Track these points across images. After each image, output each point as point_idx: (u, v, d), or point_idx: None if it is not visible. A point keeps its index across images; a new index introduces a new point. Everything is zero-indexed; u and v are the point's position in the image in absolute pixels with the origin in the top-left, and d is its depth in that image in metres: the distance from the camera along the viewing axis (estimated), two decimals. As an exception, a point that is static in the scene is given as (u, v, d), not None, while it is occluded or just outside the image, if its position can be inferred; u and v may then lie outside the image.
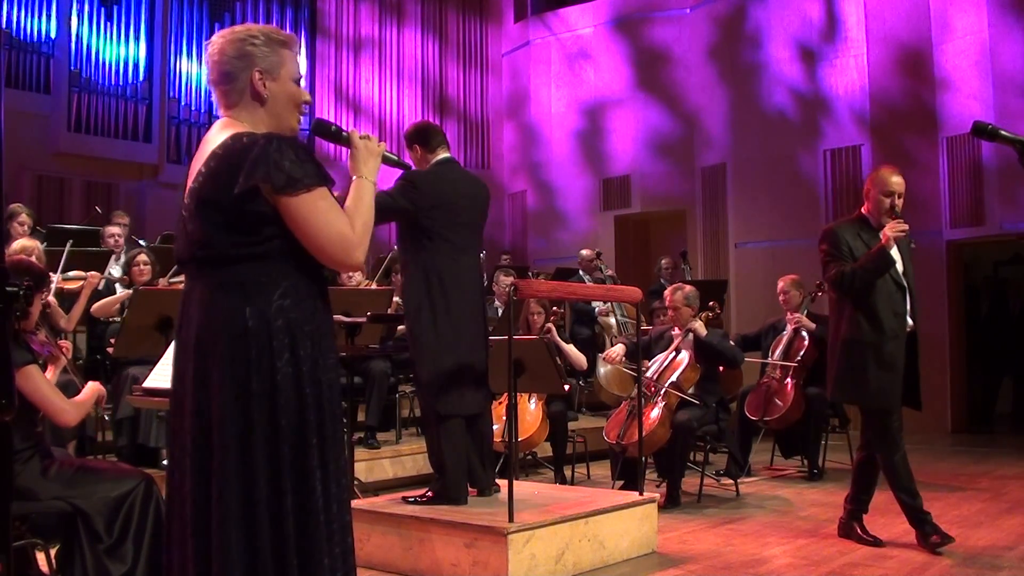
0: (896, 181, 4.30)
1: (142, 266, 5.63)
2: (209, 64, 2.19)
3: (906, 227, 4.20)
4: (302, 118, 2.29)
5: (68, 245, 5.76)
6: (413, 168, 4.08)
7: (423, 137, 4.17)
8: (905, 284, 4.29)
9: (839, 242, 4.31)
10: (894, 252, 4.22)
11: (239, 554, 2.00)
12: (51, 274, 5.01)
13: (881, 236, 4.21)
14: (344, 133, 2.31)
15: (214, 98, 2.25)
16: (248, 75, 2.15)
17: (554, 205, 12.35)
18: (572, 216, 12.13)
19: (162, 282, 5.54)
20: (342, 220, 2.09)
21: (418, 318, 4.01)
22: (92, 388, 3.37)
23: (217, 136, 2.15)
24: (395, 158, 2.48)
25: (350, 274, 6.05)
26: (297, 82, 2.23)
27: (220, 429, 2.03)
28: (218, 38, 2.20)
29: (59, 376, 3.37)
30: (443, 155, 4.16)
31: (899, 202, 4.28)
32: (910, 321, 4.31)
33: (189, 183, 2.15)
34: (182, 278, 5.55)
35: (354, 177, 2.24)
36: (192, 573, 2.06)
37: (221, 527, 2.01)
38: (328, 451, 2.11)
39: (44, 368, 3.24)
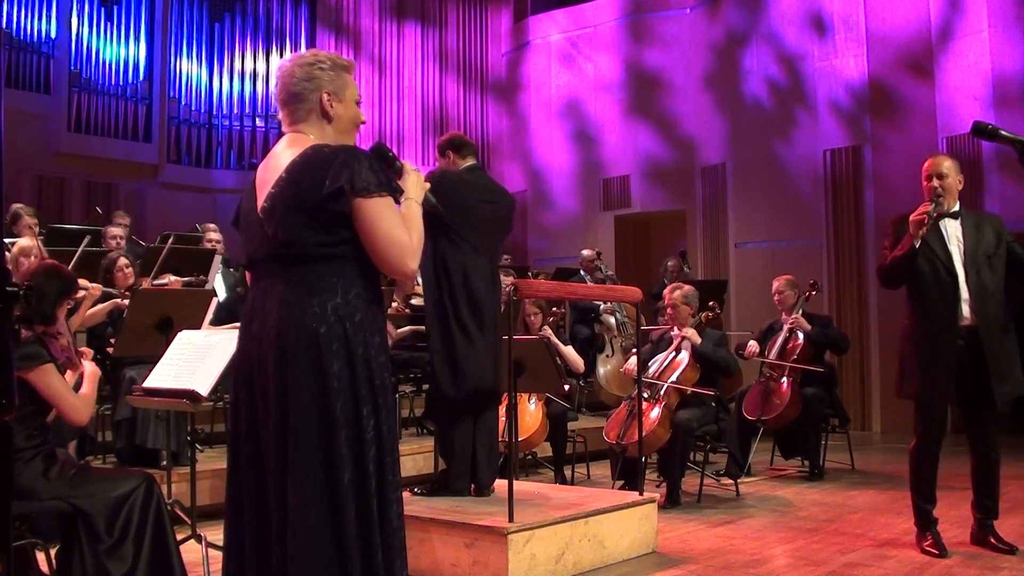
0: (926, 164, 4.16)
1: (125, 270, 5.50)
2: (279, 85, 2.40)
3: (927, 209, 4.00)
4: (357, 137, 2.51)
5: (83, 244, 5.77)
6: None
7: (455, 145, 4.52)
8: (959, 274, 4.05)
9: (893, 233, 4.17)
10: (952, 245, 4.07)
11: (325, 537, 2.13)
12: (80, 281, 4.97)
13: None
14: (398, 162, 2.48)
15: (280, 115, 2.44)
16: (317, 96, 2.36)
17: (554, 205, 12.35)
18: (572, 216, 12.13)
19: (145, 283, 5.45)
20: (403, 229, 2.27)
21: (434, 309, 4.23)
22: (92, 375, 3.36)
23: (289, 148, 2.33)
24: (431, 198, 2.67)
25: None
26: (357, 104, 2.43)
27: (302, 415, 2.17)
28: (288, 62, 2.41)
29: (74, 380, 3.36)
30: (471, 162, 4.47)
31: (937, 183, 4.07)
32: (966, 311, 4.04)
33: (265, 189, 2.31)
34: (166, 279, 5.52)
35: (403, 199, 2.41)
36: (257, 553, 2.20)
37: (301, 510, 2.13)
38: (394, 443, 2.27)
39: (62, 372, 3.23)
